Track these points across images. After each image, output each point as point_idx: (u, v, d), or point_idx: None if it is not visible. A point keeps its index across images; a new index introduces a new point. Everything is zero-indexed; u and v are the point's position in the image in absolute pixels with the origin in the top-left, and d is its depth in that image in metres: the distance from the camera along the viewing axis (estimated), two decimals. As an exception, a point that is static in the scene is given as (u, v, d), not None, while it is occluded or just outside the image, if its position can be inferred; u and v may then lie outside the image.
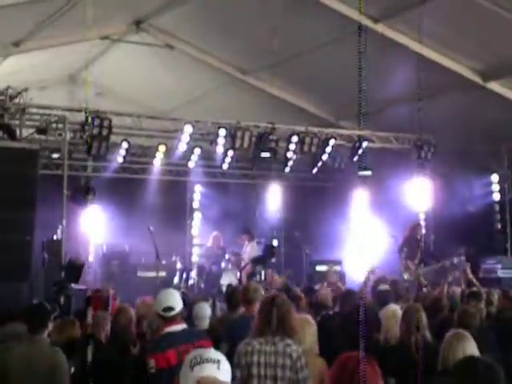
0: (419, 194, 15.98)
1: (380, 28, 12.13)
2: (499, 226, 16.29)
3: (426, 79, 11.28)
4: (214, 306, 8.06)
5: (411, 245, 14.35)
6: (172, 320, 5.47)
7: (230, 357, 3.39)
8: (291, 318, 5.02)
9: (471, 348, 5.19)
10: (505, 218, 16.30)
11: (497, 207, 16.55)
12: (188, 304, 7.09)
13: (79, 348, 6.00)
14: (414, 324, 5.95)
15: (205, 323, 6.96)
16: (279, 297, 5.20)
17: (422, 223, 16.18)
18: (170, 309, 5.46)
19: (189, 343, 5.32)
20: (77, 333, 6.51)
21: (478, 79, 13.23)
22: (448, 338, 5.33)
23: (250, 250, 15.03)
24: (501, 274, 14.77)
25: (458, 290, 9.67)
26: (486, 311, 8.16)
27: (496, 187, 16.59)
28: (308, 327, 5.65)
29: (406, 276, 13.76)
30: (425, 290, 11.62)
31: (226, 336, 6.16)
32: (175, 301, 5.54)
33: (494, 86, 13.31)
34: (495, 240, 16.10)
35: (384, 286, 8.66)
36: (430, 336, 6.05)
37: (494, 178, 16.59)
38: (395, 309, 6.64)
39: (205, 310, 7.13)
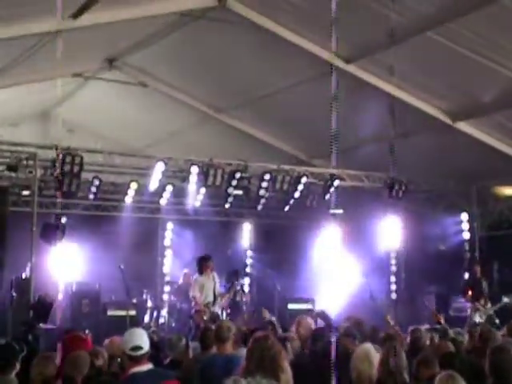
0: (390, 232, 16.06)
1: (352, 69, 12.31)
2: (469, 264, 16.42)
3: (396, 119, 11.45)
4: (187, 346, 7.92)
5: (475, 285, 14.22)
6: (139, 360, 5.38)
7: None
8: (281, 359, 4.94)
9: None
10: (474, 256, 16.45)
11: (467, 246, 16.73)
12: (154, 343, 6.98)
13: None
14: (394, 365, 5.75)
15: None
16: (270, 337, 5.10)
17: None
18: (139, 348, 5.38)
19: None
20: (53, 372, 6.33)
21: (447, 119, 13.43)
22: (442, 380, 5.20)
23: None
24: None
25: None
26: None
27: (466, 226, 16.79)
28: None
29: (477, 319, 13.34)
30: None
31: (198, 376, 6.08)
32: (143, 340, 5.46)
33: (463, 126, 13.52)
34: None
35: (344, 324, 8.62)
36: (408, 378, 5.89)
37: (464, 216, 16.79)
38: (367, 348, 6.17)
39: None
